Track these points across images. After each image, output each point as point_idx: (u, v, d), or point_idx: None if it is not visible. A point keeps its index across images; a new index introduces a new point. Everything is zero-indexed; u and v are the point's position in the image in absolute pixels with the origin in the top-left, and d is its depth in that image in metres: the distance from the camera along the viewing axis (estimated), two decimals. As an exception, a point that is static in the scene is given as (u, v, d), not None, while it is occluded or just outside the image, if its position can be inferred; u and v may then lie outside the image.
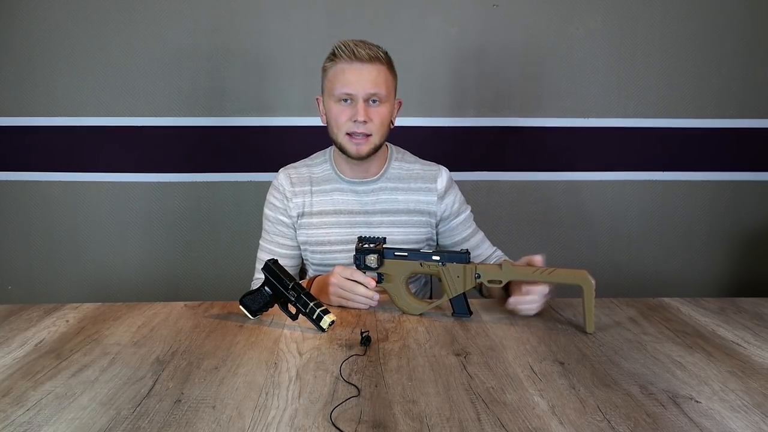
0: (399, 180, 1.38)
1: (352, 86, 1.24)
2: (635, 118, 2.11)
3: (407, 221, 1.36)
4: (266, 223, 1.40)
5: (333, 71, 1.27)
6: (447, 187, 1.39)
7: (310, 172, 1.39)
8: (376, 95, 1.25)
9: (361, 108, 1.24)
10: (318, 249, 1.36)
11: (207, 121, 2.06)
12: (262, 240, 1.41)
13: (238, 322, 1.11)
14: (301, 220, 1.37)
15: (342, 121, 1.27)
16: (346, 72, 1.24)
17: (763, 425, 0.75)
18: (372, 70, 1.25)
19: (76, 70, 2.02)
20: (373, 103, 1.26)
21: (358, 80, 1.24)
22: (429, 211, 1.38)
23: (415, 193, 1.37)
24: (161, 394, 0.83)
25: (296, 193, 1.37)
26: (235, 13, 2.00)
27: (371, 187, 1.36)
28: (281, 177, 1.39)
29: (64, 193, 2.10)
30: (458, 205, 1.41)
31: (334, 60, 1.26)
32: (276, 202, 1.38)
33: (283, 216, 1.38)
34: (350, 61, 1.24)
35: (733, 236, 2.20)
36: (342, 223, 1.35)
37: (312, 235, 1.36)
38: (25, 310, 1.17)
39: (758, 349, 0.99)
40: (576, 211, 2.17)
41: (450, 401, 0.80)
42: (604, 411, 0.78)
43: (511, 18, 2.04)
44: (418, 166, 1.41)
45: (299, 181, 1.38)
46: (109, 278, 2.16)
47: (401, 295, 1.16)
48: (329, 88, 1.28)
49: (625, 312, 1.17)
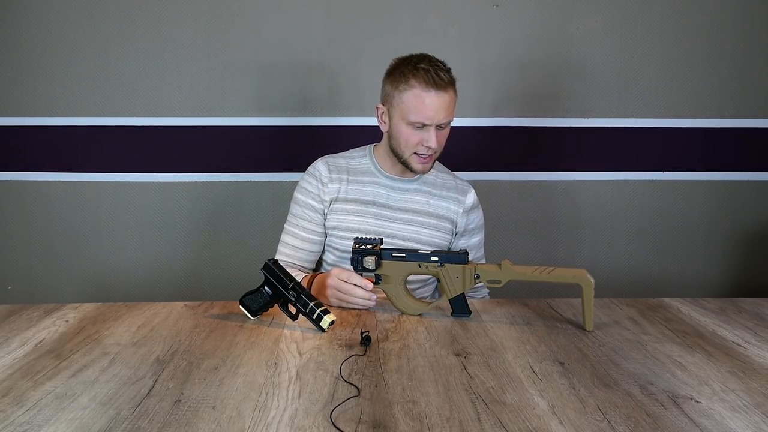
0: (433, 186, 1.44)
1: (429, 117, 1.26)
2: (635, 118, 2.11)
3: (435, 224, 1.41)
4: (294, 207, 1.43)
5: (409, 96, 1.27)
6: (473, 206, 1.46)
7: (348, 164, 1.43)
8: (448, 120, 1.30)
9: (433, 135, 1.28)
10: (347, 235, 1.38)
11: (207, 121, 2.06)
12: (288, 224, 1.44)
13: (238, 322, 1.11)
14: (334, 205, 1.40)
15: (412, 143, 1.30)
16: (423, 100, 1.25)
17: (763, 425, 0.75)
18: (446, 98, 1.27)
19: (76, 70, 2.02)
20: (442, 127, 1.30)
21: (436, 111, 1.26)
22: (453, 221, 1.44)
23: (446, 201, 1.43)
24: (161, 394, 0.83)
25: (332, 180, 1.40)
26: (235, 13, 2.00)
27: (407, 186, 1.41)
28: (319, 164, 1.43)
29: (64, 193, 2.10)
30: (476, 225, 1.48)
31: (410, 83, 1.27)
32: (309, 187, 1.41)
33: (314, 201, 1.40)
34: (427, 88, 1.25)
35: (733, 236, 2.20)
36: (374, 214, 1.39)
37: (344, 220, 1.39)
38: (25, 310, 1.17)
39: (758, 349, 0.99)
40: (576, 211, 2.17)
41: (450, 401, 0.80)
42: (604, 411, 0.78)
43: (511, 18, 2.04)
44: (451, 177, 1.48)
45: (336, 169, 1.41)
46: (109, 278, 2.16)
47: (400, 295, 1.16)
48: (402, 110, 1.29)
49: (625, 312, 1.17)
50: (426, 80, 1.25)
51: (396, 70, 1.31)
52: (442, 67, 1.27)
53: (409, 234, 1.39)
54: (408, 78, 1.27)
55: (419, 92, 1.26)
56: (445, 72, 1.27)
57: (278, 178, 2.08)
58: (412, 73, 1.26)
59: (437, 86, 1.25)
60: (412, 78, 1.26)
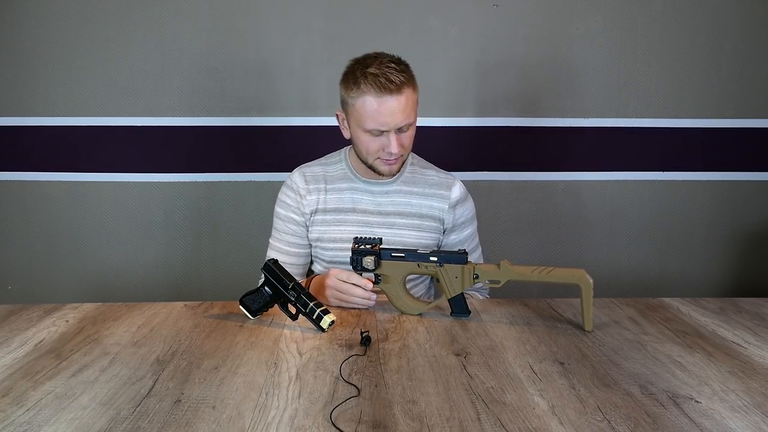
0: (413, 184, 1.37)
1: (385, 123, 1.20)
2: (635, 118, 2.11)
3: (419, 225, 1.36)
4: (277, 221, 1.40)
5: (360, 103, 1.20)
6: (460, 199, 1.39)
7: (325, 171, 1.39)
8: (407, 122, 1.23)
9: (393, 141, 1.22)
10: (330, 246, 1.36)
11: (207, 121, 2.06)
12: (272, 239, 1.42)
13: (238, 322, 1.11)
14: (314, 216, 1.37)
15: (373, 150, 1.25)
16: (377, 107, 1.18)
17: (763, 425, 0.75)
18: (401, 100, 1.19)
19: (76, 70, 2.02)
20: (403, 130, 1.24)
21: (392, 117, 1.19)
22: (440, 218, 1.38)
23: (429, 199, 1.37)
24: (161, 394, 0.83)
25: (310, 191, 1.36)
26: (235, 13, 2.00)
27: (386, 188, 1.36)
28: (296, 175, 1.39)
29: (64, 193, 2.10)
30: (465, 219, 1.41)
31: (361, 90, 1.19)
32: (288, 200, 1.38)
33: (294, 214, 1.37)
34: (380, 94, 1.18)
35: (733, 236, 2.20)
36: (355, 221, 1.35)
37: (325, 231, 1.36)
38: (25, 310, 1.17)
39: (758, 349, 0.99)
40: (576, 211, 2.17)
41: (450, 401, 0.80)
42: (604, 411, 0.78)
43: (511, 18, 2.04)
44: (434, 173, 1.41)
45: (314, 179, 1.37)
46: (109, 278, 2.16)
47: (399, 295, 1.16)
48: (357, 118, 1.23)
49: (625, 312, 1.17)
50: (377, 85, 1.17)
51: (348, 74, 1.24)
52: (394, 68, 1.18)
53: (393, 238, 1.34)
54: (359, 84, 1.19)
55: (371, 99, 1.18)
56: (397, 73, 1.18)
57: (278, 178, 2.08)
58: (362, 78, 1.18)
59: (390, 90, 1.17)
60: (362, 84, 1.18)
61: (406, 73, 1.21)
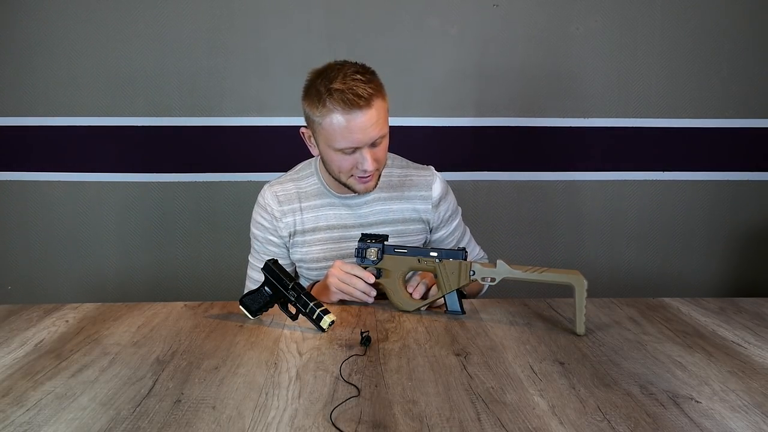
0: (392, 188, 1.30)
1: (357, 140, 1.12)
2: (635, 118, 2.11)
3: (404, 230, 1.31)
4: (255, 242, 1.34)
5: (327, 122, 1.11)
6: (442, 195, 1.33)
7: (298, 188, 1.30)
8: (380, 135, 1.15)
9: (368, 157, 1.14)
10: (314, 266, 1.31)
11: (207, 121, 2.06)
12: (252, 258, 1.35)
13: (238, 322, 1.11)
14: (293, 239, 1.30)
15: (346, 169, 1.17)
16: (346, 125, 1.10)
17: (763, 425, 0.75)
18: (372, 114, 1.11)
19: (76, 70, 2.02)
20: (376, 144, 1.16)
21: (364, 133, 1.11)
22: (424, 219, 1.33)
23: (410, 202, 1.31)
24: (161, 394, 0.83)
25: (285, 213, 1.28)
26: (235, 12, 2.00)
27: (364, 199, 1.29)
28: (267, 196, 1.30)
29: (64, 193, 2.10)
30: (451, 213, 1.36)
31: (327, 108, 1.10)
32: (264, 222, 1.30)
33: (272, 236, 1.31)
34: (348, 111, 1.09)
35: (733, 236, 2.20)
36: (336, 238, 1.29)
37: (307, 253, 1.30)
38: (25, 310, 1.17)
39: (758, 349, 0.99)
40: (576, 211, 2.17)
41: (450, 401, 0.80)
42: (604, 411, 0.78)
43: (511, 18, 2.04)
44: (411, 171, 1.34)
45: (287, 199, 1.29)
46: (109, 278, 2.16)
47: (397, 290, 1.17)
48: (326, 137, 1.14)
49: (625, 312, 1.17)
50: (344, 102, 1.08)
51: (311, 89, 1.14)
52: (360, 80, 1.10)
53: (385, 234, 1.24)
54: (324, 102, 1.10)
55: (339, 117, 1.10)
56: (364, 85, 1.09)
57: (278, 178, 2.08)
58: (328, 96, 1.09)
59: (359, 106, 1.09)
60: (328, 102, 1.10)
61: (374, 83, 1.13)
